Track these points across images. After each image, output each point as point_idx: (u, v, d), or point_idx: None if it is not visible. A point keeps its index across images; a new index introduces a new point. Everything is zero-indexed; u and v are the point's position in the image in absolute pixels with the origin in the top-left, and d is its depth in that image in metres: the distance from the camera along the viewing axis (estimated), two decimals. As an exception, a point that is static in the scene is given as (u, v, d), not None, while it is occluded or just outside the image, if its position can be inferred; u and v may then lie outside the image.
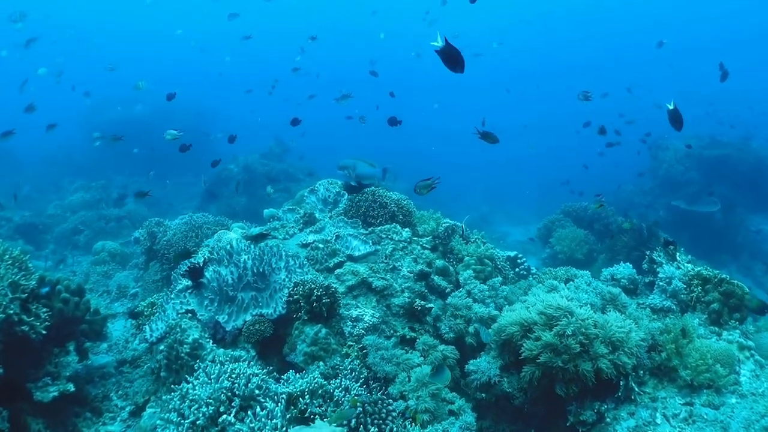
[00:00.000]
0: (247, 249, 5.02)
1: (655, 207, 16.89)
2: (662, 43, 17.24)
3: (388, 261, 5.58)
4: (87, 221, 13.87)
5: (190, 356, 4.57)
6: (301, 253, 5.61)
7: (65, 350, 6.06)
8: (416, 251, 5.91)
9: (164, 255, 7.52)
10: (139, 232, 8.80)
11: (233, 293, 4.77)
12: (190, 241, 7.38)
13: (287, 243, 5.90)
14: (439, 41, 3.10)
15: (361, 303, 5.20)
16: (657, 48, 17.19)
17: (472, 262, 5.99)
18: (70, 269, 12.42)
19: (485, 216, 20.22)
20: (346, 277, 5.29)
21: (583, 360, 4.49)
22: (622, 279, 6.32)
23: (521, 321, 4.73)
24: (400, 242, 5.85)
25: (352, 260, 5.57)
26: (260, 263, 4.82)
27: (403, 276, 5.49)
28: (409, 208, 6.37)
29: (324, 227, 5.98)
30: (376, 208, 6.15)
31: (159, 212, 18.58)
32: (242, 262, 4.80)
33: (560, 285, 5.58)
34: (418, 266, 5.67)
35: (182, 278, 5.05)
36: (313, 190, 6.89)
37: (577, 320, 4.59)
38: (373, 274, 5.33)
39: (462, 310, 5.35)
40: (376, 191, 6.37)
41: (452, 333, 5.32)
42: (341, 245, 5.65)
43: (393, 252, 5.71)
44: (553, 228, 11.90)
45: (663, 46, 18.54)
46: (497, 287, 6.02)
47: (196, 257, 5.34)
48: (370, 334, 4.93)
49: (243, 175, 16.15)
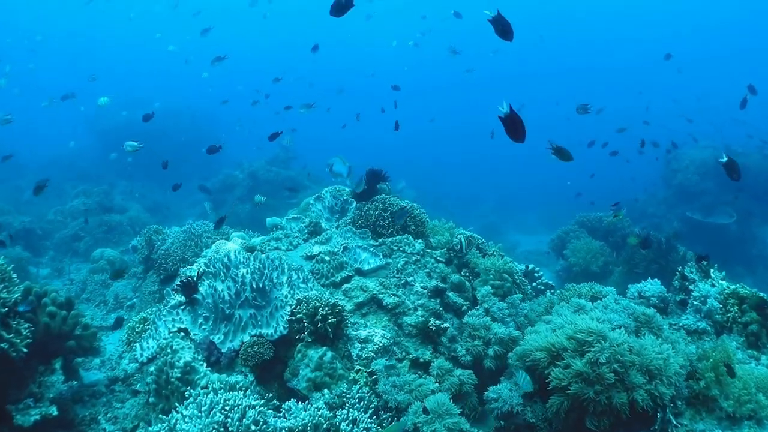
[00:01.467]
0: (246, 262, 4.55)
1: (669, 218, 16.36)
2: (670, 56, 16.72)
3: (400, 275, 5.10)
4: (87, 227, 13.44)
5: (182, 381, 4.09)
6: (305, 266, 5.14)
7: (51, 368, 5.62)
8: (430, 265, 5.43)
9: (161, 265, 7.07)
10: (137, 239, 8.36)
11: (230, 311, 4.30)
12: (189, 250, 6.92)
13: (291, 254, 5.44)
14: (504, 107, 3.16)
15: (370, 322, 4.72)
16: (665, 60, 16.64)
17: (491, 277, 5.50)
18: (68, 277, 12.01)
19: (494, 225, 19.71)
20: (354, 293, 4.81)
21: (618, 390, 3.99)
22: (652, 297, 5.82)
23: (548, 346, 4.24)
24: (412, 255, 5.37)
25: (360, 274, 5.10)
26: (260, 278, 4.35)
27: (416, 292, 5.01)
28: (422, 217, 5.88)
29: (330, 238, 5.51)
30: (387, 218, 5.67)
31: (162, 218, 18.17)
32: (240, 276, 4.33)
33: (587, 304, 5.08)
34: (432, 281, 5.19)
35: (175, 293, 4.58)
36: (320, 198, 6.42)
37: (611, 346, 4.09)
38: (383, 290, 4.85)
39: (480, 330, 4.86)
40: (386, 199, 5.89)
41: (469, 356, 4.83)
42: (349, 258, 5.17)
43: (405, 265, 5.23)
44: (567, 239, 11.38)
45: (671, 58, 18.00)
46: (517, 304, 5.53)
47: (191, 270, 4.87)
48: (380, 356, 4.44)
49: (248, 182, 15.73)
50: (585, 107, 9.20)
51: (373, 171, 6.20)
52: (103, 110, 23.67)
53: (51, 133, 27.07)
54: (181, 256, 6.88)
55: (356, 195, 6.27)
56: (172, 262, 6.91)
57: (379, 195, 6.11)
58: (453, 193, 24.30)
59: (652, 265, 10.25)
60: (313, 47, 13.23)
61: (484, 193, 25.53)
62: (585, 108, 9.20)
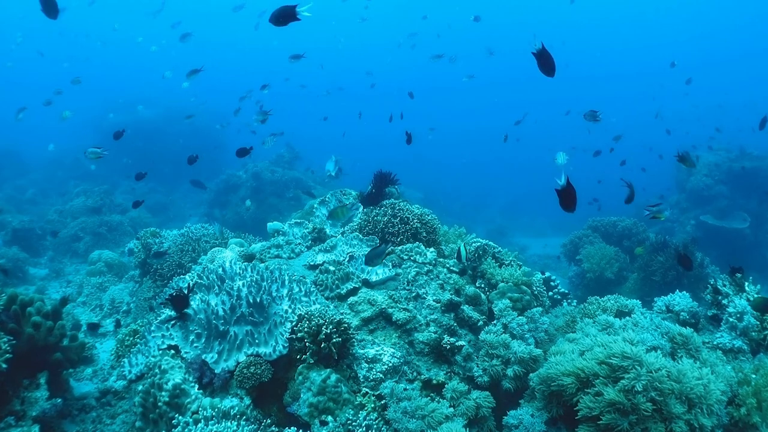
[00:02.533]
0: (243, 273, 4.11)
1: (682, 222, 15.85)
2: (674, 64, 16.22)
3: (411, 287, 4.65)
4: (87, 227, 13.05)
5: (170, 406, 3.66)
6: (308, 277, 4.70)
7: (36, 383, 5.21)
8: (443, 275, 4.98)
9: (157, 270, 6.64)
10: (133, 242, 7.93)
11: (224, 327, 3.86)
12: (186, 255, 6.49)
13: (292, 263, 5.00)
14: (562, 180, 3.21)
15: (378, 339, 4.28)
16: (670, 68, 16.07)
17: (508, 288, 5.05)
18: (65, 279, 11.63)
19: (502, 228, 19.22)
20: (361, 307, 4.37)
21: (654, 421, 3.54)
22: (682, 312, 5.35)
23: (576, 371, 3.78)
24: (424, 265, 4.92)
25: (368, 286, 4.65)
26: (257, 291, 3.91)
27: (428, 306, 4.56)
28: (434, 224, 5.43)
29: (335, 245, 5.06)
30: (397, 224, 5.21)
31: (165, 219, 17.81)
32: (236, 289, 3.89)
33: (616, 321, 4.62)
34: (445, 294, 4.74)
35: (164, 307, 4.15)
36: (324, 202, 5.97)
37: (648, 372, 3.64)
38: (393, 304, 4.41)
39: (499, 348, 4.41)
40: (396, 204, 5.44)
41: (486, 376, 4.38)
42: (356, 268, 4.73)
43: (416, 276, 4.78)
44: (580, 244, 10.91)
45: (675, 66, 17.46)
46: (537, 319, 5.08)
47: (183, 280, 4.44)
48: (389, 377, 4.00)
49: (252, 183, 15.31)
50: (594, 114, 8.74)
51: (381, 174, 5.76)
52: (109, 108, 23.39)
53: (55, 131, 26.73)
54: (178, 261, 6.46)
55: (363, 199, 5.83)
56: (168, 267, 6.49)
57: (388, 199, 5.67)
58: (458, 195, 23.84)
59: (669, 273, 9.76)
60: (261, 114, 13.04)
61: (491, 195, 25.04)
62: (594, 115, 8.74)
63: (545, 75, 3.44)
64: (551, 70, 3.42)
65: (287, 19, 3.71)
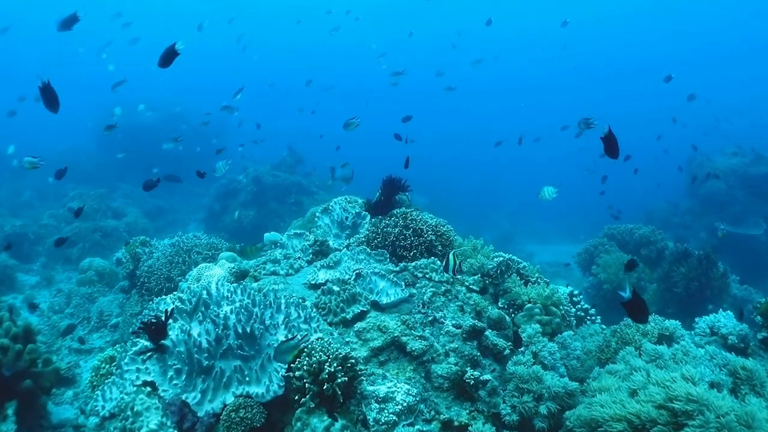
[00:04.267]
0: (232, 296, 3.45)
1: (696, 228, 15.16)
2: (670, 78, 15.39)
3: (427, 310, 3.99)
4: (81, 233, 12.41)
5: (142, 458, 3.01)
6: (308, 298, 4.04)
7: (2, 414, 4.58)
8: (462, 295, 4.32)
9: (144, 284, 5.99)
10: (122, 252, 7.28)
11: (209, 362, 3.21)
12: (176, 268, 5.84)
13: (291, 281, 4.34)
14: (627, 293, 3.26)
15: (390, 372, 3.62)
16: (665, 82, 15.14)
17: (537, 311, 4.40)
18: (56, 287, 10.98)
19: (509, 234, 18.55)
20: (370, 334, 3.71)
21: (724, 477, 2.89)
22: (729, 335, 4.68)
23: (630, 417, 3.12)
24: (441, 284, 4.26)
25: (378, 309, 3.99)
26: (248, 319, 3.26)
27: (447, 332, 3.90)
28: (450, 235, 4.77)
29: (340, 261, 4.40)
30: (409, 236, 4.55)
31: (163, 225, 17.14)
32: (223, 316, 3.24)
33: (665, 351, 3.95)
34: (466, 318, 4.08)
35: (138, 336, 3.49)
36: (327, 210, 5.30)
37: (717, 417, 2.98)
38: (407, 331, 3.75)
39: (531, 382, 3.75)
40: (408, 213, 4.78)
41: (516, 414, 3.72)
42: (363, 287, 4.07)
43: (433, 297, 4.12)
44: (595, 253, 10.24)
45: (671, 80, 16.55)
46: (569, 344, 4.42)
47: (164, 302, 3.79)
48: (403, 419, 3.35)
49: (252, 188, 14.65)
50: (587, 121, 8.27)
51: (390, 180, 5.10)
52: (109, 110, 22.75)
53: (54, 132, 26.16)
54: (167, 274, 5.81)
55: (371, 208, 5.17)
56: (156, 281, 5.84)
57: (399, 208, 5.01)
58: (463, 200, 23.18)
59: (692, 284, 9.10)
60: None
61: (496, 200, 24.36)
62: (587, 122, 8.28)
63: (609, 156, 3.75)
64: (616, 153, 3.74)
65: (171, 58, 4.11)
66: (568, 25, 19.85)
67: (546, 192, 6.31)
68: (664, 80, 13.72)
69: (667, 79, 13.31)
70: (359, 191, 6.40)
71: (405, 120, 9.14)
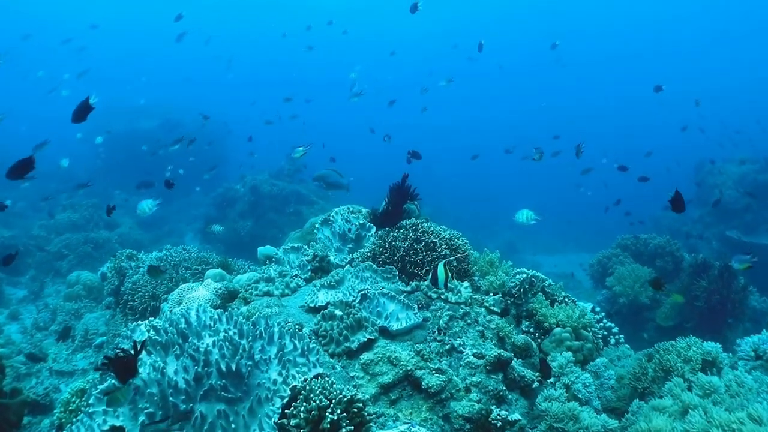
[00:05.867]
0: (215, 325, 2.89)
1: (707, 238, 14.61)
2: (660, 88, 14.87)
3: (444, 337, 3.43)
4: (72, 245, 11.85)
5: None
6: (306, 323, 3.48)
7: (-43, 455, 4.01)
8: (482, 319, 3.75)
9: (127, 302, 5.43)
10: (107, 266, 6.72)
11: (187, 406, 2.65)
12: (161, 285, 5.27)
13: (287, 303, 3.78)
14: None
15: (403, 412, 3.05)
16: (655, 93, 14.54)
17: (567, 335, 3.84)
18: (43, 301, 10.40)
19: (512, 243, 17.99)
20: (379, 368, 3.15)
21: None
22: (782, 361, 4.12)
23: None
24: (458, 306, 3.70)
25: (387, 336, 3.42)
26: (233, 354, 2.70)
27: (467, 363, 3.34)
28: (466, 249, 4.21)
29: (343, 279, 3.84)
30: (421, 251, 3.99)
31: (160, 235, 16.56)
32: (203, 351, 2.68)
33: (719, 383, 3.39)
34: (488, 346, 3.52)
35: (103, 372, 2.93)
36: (328, 221, 4.74)
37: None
38: (422, 364, 3.18)
39: (566, 422, 3.18)
40: (418, 225, 4.23)
41: (549, 460, 3.16)
42: (370, 311, 3.51)
43: (450, 322, 3.56)
44: (609, 265, 9.67)
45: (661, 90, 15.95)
46: (602, 373, 3.86)
47: (138, 328, 3.23)
48: (418, 470, 2.78)
49: (249, 197, 14.10)
50: (579, 148, 8.63)
51: (398, 187, 4.55)
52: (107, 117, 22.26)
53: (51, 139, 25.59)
54: (151, 292, 5.24)
55: (376, 218, 4.62)
56: (140, 299, 5.27)
57: (408, 219, 4.46)
58: (465, 208, 22.61)
59: (713, 297, 8.55)
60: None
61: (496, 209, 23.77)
62: (578, 149, 8.58)
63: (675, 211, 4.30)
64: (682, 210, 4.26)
65: (86, 112, 4.16)
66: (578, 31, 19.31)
67: (522, 216, 5.79)
68: (654, 90, 13.05)
69: (657, 89, 12.68)
70: (358, 199, 5.91)
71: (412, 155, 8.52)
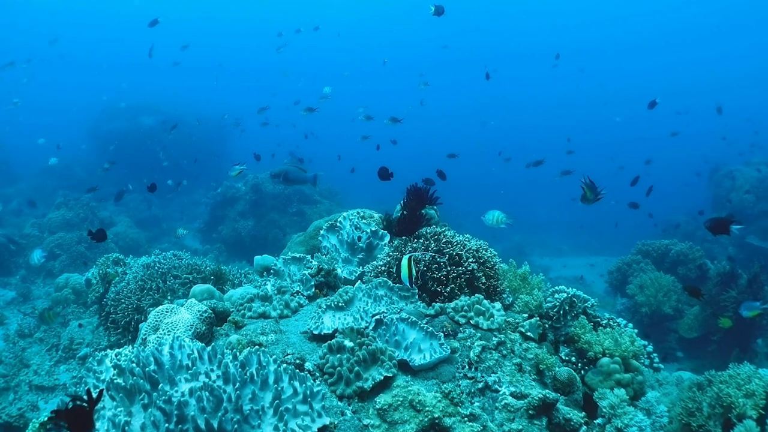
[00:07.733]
0: (195, 365, 2.27)
1: (723, 243, 13.98)
2: (655, 103, 14.16)
3: (476, 374, 2.81)
4: (64, 244, 11.25)
5: None
6: (309, 356, 2.85)
7: None
8: (517, 347, 3.13)
9: (109, 315, 4.80)
10: (92, 271, 6.11)
11: (155, 472, 2.03)
12: (147, 296, 4.65)
13: (286, 327, 3.15)
14: None
15: (428, 471, 2.44)
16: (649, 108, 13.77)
17: (616, 367, 3.21)
18: (31, 304, 9.80)
19: (520, 247, 17.35)
20: (399, 414, 2.52)
21: None
22: None
23: None
24: (491, 333, 3.07)
25: (407, 371, 2.80)
26: (216, 407, 2.07)
27: (504, 406, 2.71)
28: (494, 262, 3.57)
29: (353, 299, 3.22)
30: (445, 266, 3.35)
31: (158, 234, 15.98)
32: (177, 403, 2.06)
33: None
34: (527, 381, 2.89)
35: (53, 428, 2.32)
36: (335, 227, 4.11)
37: None
38: (451, 409, 2.56)
39: (627, 484, 2.56)
40: (440, 234, 3.59)
41: None
42: (387, 340, 2.89)
43: (482, 354, 2.94)
44: (629, 272, 9.06)
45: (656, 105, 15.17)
46: (654, 409, 3.24)
47: (104, 365, 2.61)
48: None
49: (251, 196, 13.49)
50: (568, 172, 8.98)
51: (416, 190, 3.91)
52: (106, 115, 21.70)
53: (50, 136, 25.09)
54: (136, 304, 4.61)
55: (390, 225, 3.99)
56: (123, 312, 4.64)
57: (428, 226, 3.84)
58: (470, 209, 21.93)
59: (742, 308, 7.95)
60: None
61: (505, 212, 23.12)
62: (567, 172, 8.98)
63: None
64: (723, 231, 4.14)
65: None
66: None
67: (492, 218, 5.15)
68: (648, 106, 12.31)
69: (651, 104, 11.97)
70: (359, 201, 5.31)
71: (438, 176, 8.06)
